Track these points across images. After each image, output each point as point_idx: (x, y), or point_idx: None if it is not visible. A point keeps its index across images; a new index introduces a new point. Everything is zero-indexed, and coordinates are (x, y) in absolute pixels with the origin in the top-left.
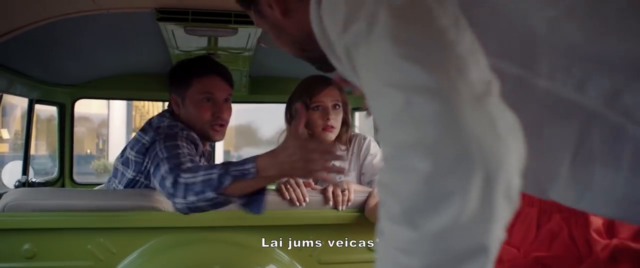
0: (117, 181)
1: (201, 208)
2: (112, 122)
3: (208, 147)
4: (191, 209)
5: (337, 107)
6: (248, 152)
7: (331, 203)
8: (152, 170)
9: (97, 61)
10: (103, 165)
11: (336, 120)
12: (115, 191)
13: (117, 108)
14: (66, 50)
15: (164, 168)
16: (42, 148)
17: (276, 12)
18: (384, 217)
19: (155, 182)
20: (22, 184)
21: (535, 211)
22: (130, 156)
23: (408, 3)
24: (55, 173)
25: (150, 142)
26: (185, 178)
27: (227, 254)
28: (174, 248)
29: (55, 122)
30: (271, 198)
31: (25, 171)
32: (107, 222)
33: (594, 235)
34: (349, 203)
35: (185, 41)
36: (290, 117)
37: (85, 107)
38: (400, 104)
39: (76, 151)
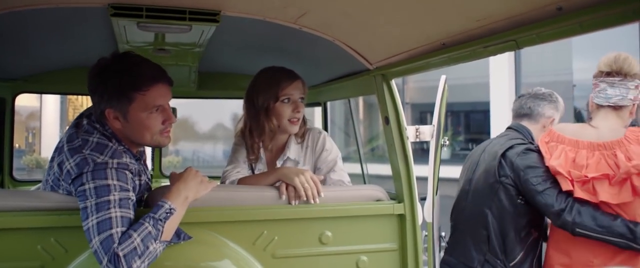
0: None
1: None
2: (45, 116)
3: (143, 158)
4: None
5: (302, 100)
6: (185, 146)
7: (284, 197)
8: (80, 206)
9: (41, 54)
10: (35, 160)
11: (301, 114)
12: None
13: (50, 101)
14: (7, 43)
15: (93, 233)
16: None
17: None
18: None
19: (85, 231)
20: None
21: None
22: (56, 173)
23: None
24: None
25: (76, 173)
26: (123, 249)
27: (181, 250)
28: None
29: None
30: (218, 194)
31: None
32: (58, 221)
33: None
34: (317, 200)
35: (136, 36)
36: (253, 109)
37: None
38: None
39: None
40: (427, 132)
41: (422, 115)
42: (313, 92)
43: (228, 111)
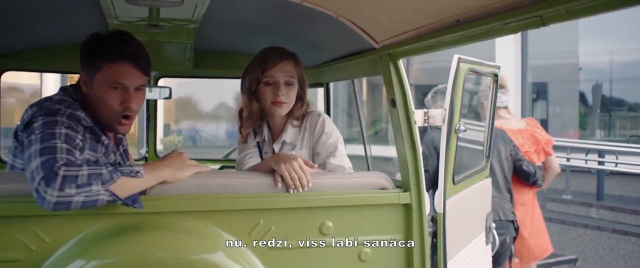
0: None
1: (72, 204)
2: (45, 93)
3: (122, 144)
4: (59, 204)
5: (289, 83)
6: (188, 126)
7: (280, 185)
8: (25, 154)
9: (28, 30)
10: None
11: (288, 96)
12: None
13: (51, 79)
14: None
15: (34, 161)
16: None
17: None
18: None
19: (27, 172)
20: None
21: None
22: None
23: None
24: None
25: (27, 119)
26: (66, 170)
27: (172, 241)
28: (116, 236)
29: None
30: (210, 180)
31: None
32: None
33: None
34: (306, 188)
35: (126, 11)
36: (243, 90)
37: (15, 77)
38: None
39: (4, 123)
40: (437, 116)
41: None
42: (314, 73)
43: (231, 90)
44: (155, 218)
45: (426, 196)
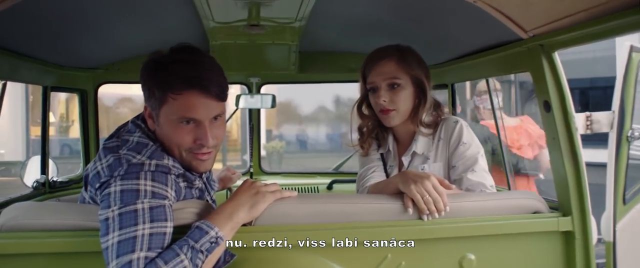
0: None
1: None
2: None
3: (205, 177)
4: None
5: (396, 85)
6: (288, 130)
7: (411, 211)
8: (100, 217)
9: (119, 40)
10: None
11: (393, 102)
12: None
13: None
14: (81, 28)
15: (111, 255)
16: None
17: None
18: None
19: (103, 250)
20: (41, 185)
21: None
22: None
23: None
24: (79, 171)
25: (106, 176)
26: None
27: None
28: None
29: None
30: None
31: (43, 169)
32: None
33: None
34: (443, 213)
35: (222, 11)
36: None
37: (125, 87)
38: None
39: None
40: (603, 120)
41: (531, 94)
42: (436, 72)
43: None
44: (263, 254)
45: (593, 221)
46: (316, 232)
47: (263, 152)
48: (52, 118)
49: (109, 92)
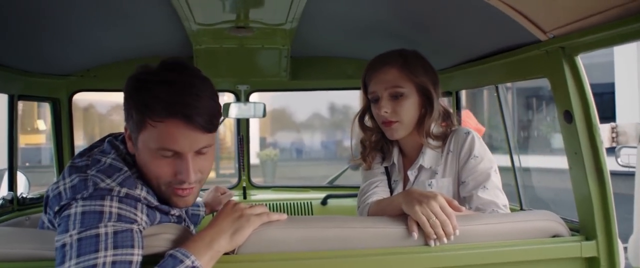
0: None
1: None
2: None
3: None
4: None
5: (399, 95)
6: (283, 137)
7: (415, 235)
8: (56, 243)
9: (95, 45)
10: None
11: (395, 113)
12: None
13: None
14: (50, 30)
15: None
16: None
17: None
18: None
19: None
20: (8, 202)
21: None
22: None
23: None
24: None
25: (67, 199)
26: None
27: None
28: None
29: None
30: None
31: (11, 185)
32: None
33: None
34: (451, 238)
35: (204, 11)
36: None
37: (121, 95)
38: None
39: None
40: (630, 132)
41: (528, 100)
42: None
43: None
44: None
45: (620, 246)
46: (309, 262)
47: (257, 161)
48: (43, 126)
49: (102, 99)
